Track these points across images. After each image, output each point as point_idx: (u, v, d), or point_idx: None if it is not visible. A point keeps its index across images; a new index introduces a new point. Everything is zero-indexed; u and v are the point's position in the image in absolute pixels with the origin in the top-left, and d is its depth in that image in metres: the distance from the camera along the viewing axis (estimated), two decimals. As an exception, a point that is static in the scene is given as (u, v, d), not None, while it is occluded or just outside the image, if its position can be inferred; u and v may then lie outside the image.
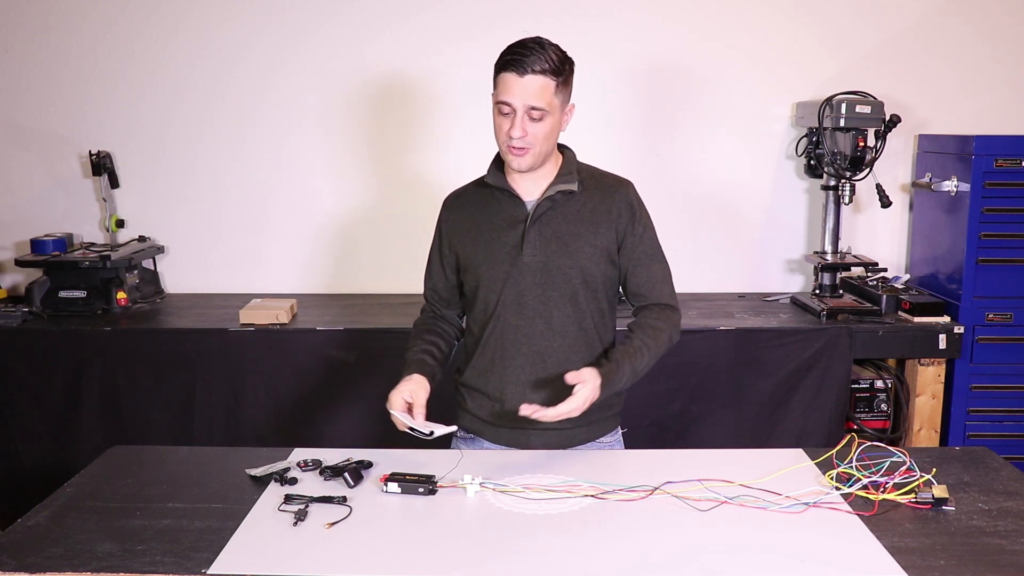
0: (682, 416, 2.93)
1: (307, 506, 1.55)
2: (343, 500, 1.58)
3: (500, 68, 1.74)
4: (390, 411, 1.73)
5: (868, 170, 3.06)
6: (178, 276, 3.53)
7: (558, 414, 1.65)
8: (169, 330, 2.99)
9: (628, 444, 2.02)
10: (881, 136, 3.04)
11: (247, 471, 1.69)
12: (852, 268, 3.27)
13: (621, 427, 1.99)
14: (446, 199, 1.97)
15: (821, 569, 1.34)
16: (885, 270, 3.30)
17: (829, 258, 3.23)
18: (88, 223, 3.51)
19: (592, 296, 1.85)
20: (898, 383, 3.03)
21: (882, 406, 3.03)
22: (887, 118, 3.01)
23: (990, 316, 3.00)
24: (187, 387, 2.93)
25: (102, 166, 3.33)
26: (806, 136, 3.25)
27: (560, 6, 3.29)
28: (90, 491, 1.65)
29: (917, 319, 2.99)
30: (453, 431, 1.75)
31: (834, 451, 1.70)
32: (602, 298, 1.87)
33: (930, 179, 3.14)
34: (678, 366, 2.88)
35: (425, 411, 1.76)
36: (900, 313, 3.06)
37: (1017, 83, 3.36)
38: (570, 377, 1.67)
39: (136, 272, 3.31)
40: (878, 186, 3.08)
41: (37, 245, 3.27)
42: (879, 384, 3.02)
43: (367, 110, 3.40)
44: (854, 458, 1.65)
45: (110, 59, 3.38)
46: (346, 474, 1.64)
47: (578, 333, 1.85)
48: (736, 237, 3.47)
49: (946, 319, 2.99)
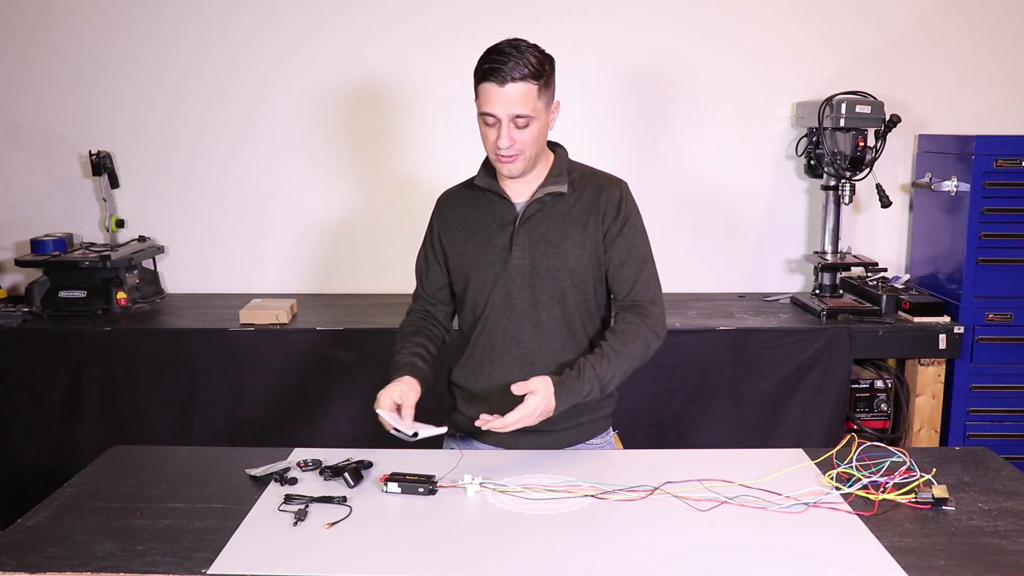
0: (682, 416, 2.93)
1: (307, 506, 1.55)
2: (343, 500, 1.58)
3: (480, 78, 1.71)
4: (377, 411, 1.71)
5: (868, 170, 3.06)
6: (178, 276, 3.53)
7: (510, 423, 1.63)
8: (169, 330, 2.99)
9: (628, 444, 2.02)
10: (881, 136, 3.04)
11: (247, 471, 1.69)
12: (852, 268, 3.27)
13: (613, 428, 1.98)
14: (439, 197, 1.97)
15: (821, 569, 1.34)
16: (885, 270, 3.30)
17: (829, 258, 3.23)
18: (88, 223, 3.51)
19: (581, 298, 1.84)
20: (898, 383, 3.03)
21: (882, 406, 3.03)
22: (887, 118, 3.01)
23: (990, 316, 3.00)
24: (187, 387, 2.93)
25: (102, 166, 3.33)
26: (806, 136, 3.25)
27: (560, 6, 3.29)
28: (90, 491, 1.65)
29: (917, 319, 2.99)
30: (442, 432, 1.73)
31: (834, 451, 1.70)
32: (591, 300, 1.86)
33: (930, 179, 3.14)
34: (678, 366, 2.88)
35: (414, 413, 1.74)
36: (900, 313, 3.06)
37: (1017, 83, 3.36)
38: (516, 388, 1.65)
39: (136, 272, 3.31)
40: (878, 186, 3.08)
41: (37, 245, 3.27)
42: (879, 384, 3.02)
43: (367, 110, 3.40)
44: (854, 458, 1.65)
45: (110, 59, 3.38)
46: (346, 474, 1.64)
47: (567, 335, 1.84)
48: (736, 237, 3.47)
49: (946, 319, 2.99)
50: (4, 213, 3.50)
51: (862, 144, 3.01)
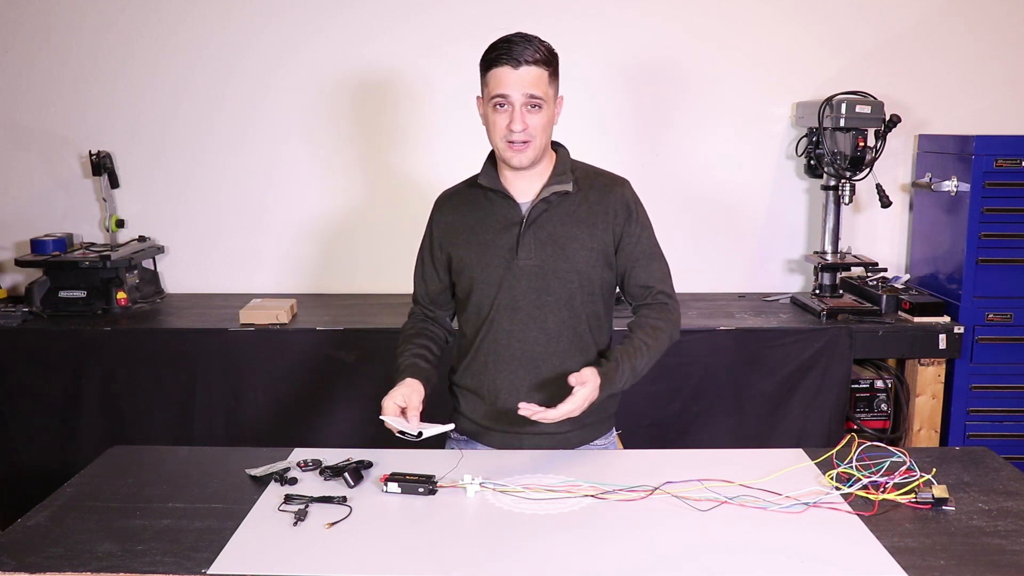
0: (682, 416, 2.93)
1: (307, 506, 1.55)
2: (343, 500, 1.58)
3: (490, 64, 1.73)
4: (382, 418, 1.71)
5: (868, 170, 3.06)
6: (178, 276, 3.53)
7: (560, 415, 1.63)
8: (169, 330, 2.99)
9: (628, 444, 2.02)
10: (881, 136, 3.04)
11: (247, 471, 1.69)
12: (852, 268, 3.27)
13: (616, 428, 1.98)
14: (438, 198, 1.95)
15: (821, 569, 1.34)
16: (885, 270, 3.30)
17: (829, 258, 3.23)
18: (88, 223, 3.51)
19: (588, 300, 1.84)
20: (898, 383, 3.03)
21: (882, 406, 3.03)
22: (887, 118, 3.01)
23: (990, 316, 3.00)
24: (187, 387, 2.93)
25: (102, 166, 3.33)
26: (806, 136, 3.25)
27: (559, 6, 3.29)
28: (90, 491, 1.65)
29: (917, 319, 2.99)
30: (448, 430, 1.73)
31: (834, 451, 1.70)
32: (598, 301, 1.86)
33: (930, 179, 3.14)
34: (678, 366, 2.88)
35: (419, 414, 1.74)
36: (900, 313, 3.06)
37: (1017, 83, 3.36)
38: (573, 379, 1.65)
39: (136, 272, 3.31)
40: (878, 186, 3.08)
41: (37, 245, 3.27)
42: (879, 384, 3.02)
43: (367, 110, 3.40)
44: (854, 458, 1.65)
45: (110, 59, 3.38)
46: (346, 474, 1.64)
47: (572, 337, 1.83)
48: (736, 237, 3.47)
49: (946, 319, 2.99)
50: (4, 213, 3.50)
51: (862, 144, 3.01)
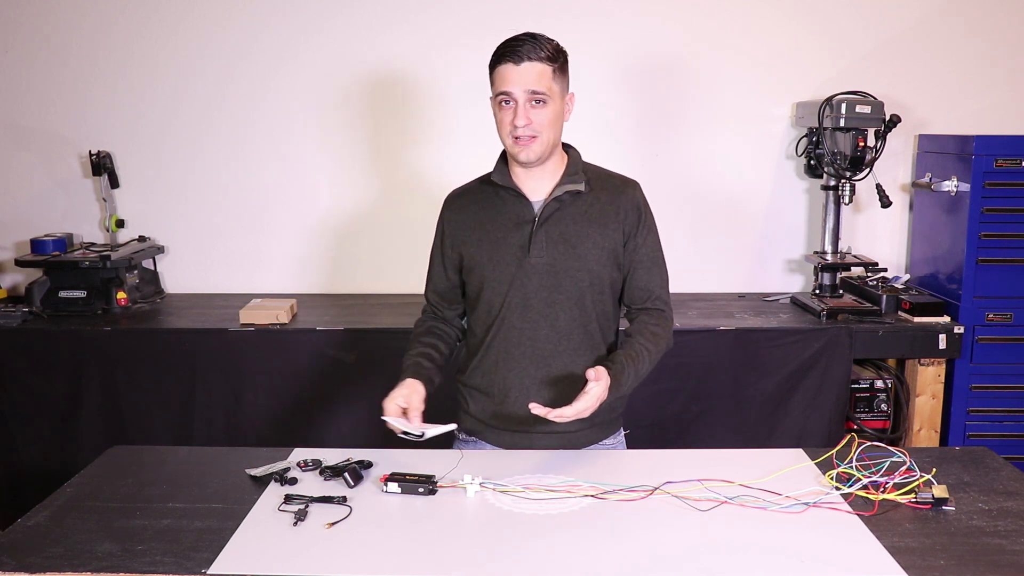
0: (682, 416, 2.93)
1: (307, 506, 1.55)
2: (343, 500, 1.57)
3: (496, 62, 1.75)
4: (384, 419, 1.71)
5: (868, 170, 3.06)
6: (178, 276, 3.53)
7: (573, 413, 1.61)
8: (169, 330, 2.99)
9: (628, 444, 2.02)
10: (881, 136, 3.04)
11: (247, 471, 1.69)
12: (852, 268, 3.27)
13: (624, 428, 1.99)
14: (447, 197, 1.95)
15: (821, 569, 1.34)
16: (885, 270, 3.30)
17: (829, 258, 3.23)
18: (88, 223, 3.51)
19: (598, 298, 1.84)
20: (898, 383, 3.03)
21: (882, 406, 3.03)
22: (887, 118, 3.01)
23: (990, 316, 3.00)
24: (187, 387, 2.93)
25: (102, 166, 3.33)
26: (806, 136, 3.25)
27: (560, 6, 3.29)
28: (90, 491, 1.65)
29: (917, 319, 2.99)
30: (451, 430, 1.73)
31: (834, 451, 1.70)
32: (607, 300, 1.87)
33: (930, 179, 3.14)
34: (678, 366, 2.88)
35: (422, 414, 1.74)
36: (900, 313, 3.06)
37: (1017, 83, 3.36)
38: (591, 374, 1.64)
39: (136, 272, 3.31)
40: (878, 186, 3.08)
41: (37, 245, 3.27)
42: (879, 384, 3.02)
43: (367, 110, 3.40)
44: (854, 458, 1.65)
45: (110, 59, 3.38)
46: (346, 474, 1.64)
47: (583, 336, 1.84)
48: (736, 237, 3.47)
49: (946, 319, 2.99)
50: (4, 213, 3.50)
51: (862, 144, 3.01)
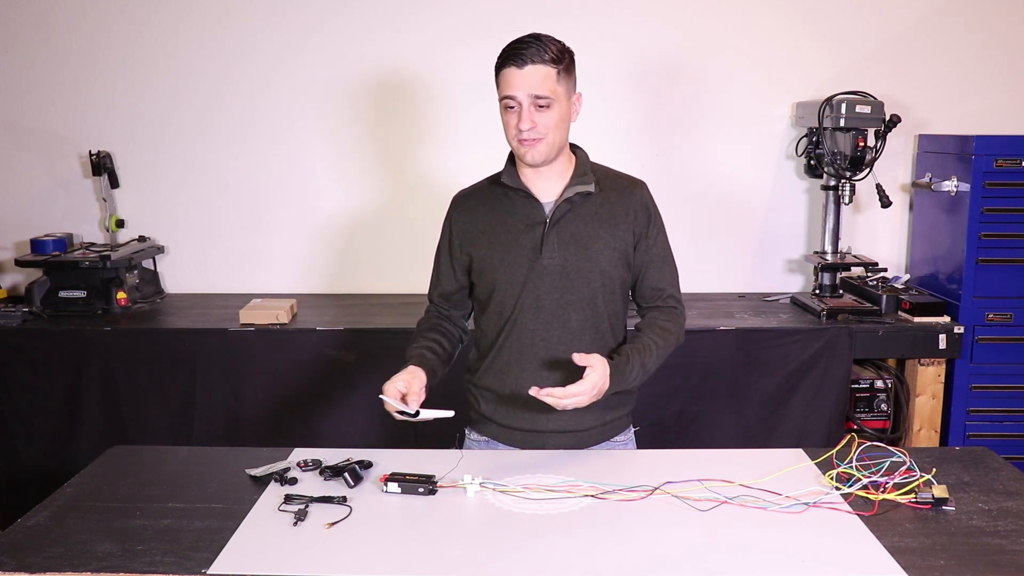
0: (682, 416, 2.93)
1: (307, 506, 1.55)
2: (343, 500, 1.58)
3: (500, 66, 1.75)
4: (381, 397, 1.69)
5: (868, 170, 3.06)
6: (178, 276, 3.53)
7: (566, 393, 1.60)
8: (169, 330, 2.99)
9: (628, 444, 2.02)
10: (881, 136, 3.04)
11: (247, 471, 1.69)
12: (852, 268, 3.26)
13: (633, 425, 1.99)
14: (455, 198, 1.94)
15: (821, 569, 1.34)
16: (885, 270, 3.30)
17: (829, 258, 3.23)
18: (88, 223, 3.51)
19: (610, 298, 1.85)
20: (898, 383, 3.03)
21: (882, 406, 3.03)
22: (887, 118, 3.01)
23: (990, 316, 3.00)
24: (187, 387, 2.93)
25: (102, 166, 3.33)
26: (806, 136, 3.25)
27: (560, 6, 3.29)
28: (90, 491, 1.65)
29: (917, 319, 2.99)
30: (448, 415, 1.70)
31: (834, 451, 1.70)
32: (618, 300, 1.87)
33: (930, 179, 3.14)
34: (678, 366, 2.88)
35: (421, 400, 1.71)
36: (900, 313, 3.06)
37: (1017, 83, 3.36)
38: (578, 358, 1.64)
39: (136, 272, 3.31)
40: (878, 186, 3.08)
41: (37, 245, 3.27)
42: (879, 384, 3.02)
43: (367, 110, 3.40)
44: (854, 458, 1.65)
45: (110, 59, 3.38)
46: (346, 474, 1.64)
47: (595, 336, 1.84)
48: (736, 237, 3.47)
49: (946, 319, 2.99)
50: (4, 213, 3.50)
51: (862, 144, 3.01)
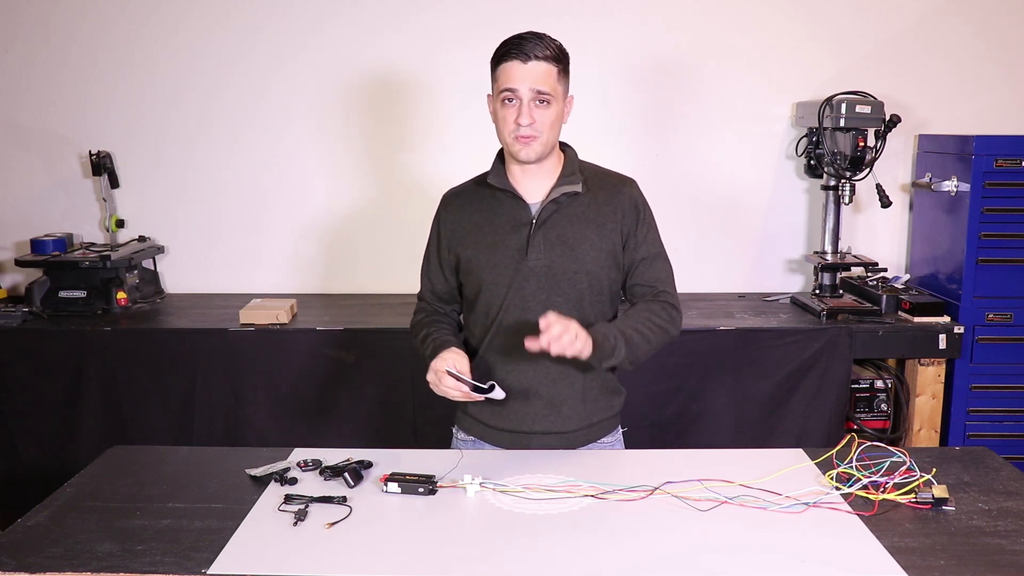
0: (682, 416, 2.93)
1: (307, 506, 1.55)
2: (343, 500, 1.58)
3: (500, 59, 1.74)
4: (445, 369, 1.67)
5: (868, 170, 3.06)
6: (178, 276, 3.53)
7: (549, 324, 1.57)
8: (169, 330, 2.99)
9: (628, 444, 2.02)
10: (881, 136, 3.04)
11: (247, 471, 1.69)
12: (852, 268, 3.26)
13: (622, 426, 1.99)
14: (444, 196, 1.94)
15: (821, 569, 1.34)
16: (885, 270, 3.30)
17: (829, 258, 3.23)
18: (88, 223, 3.51)
19: (596, 300, 1.84)
20: (898, 383, 3.03)
21: (882, 406, 3.03)
22: (887, 118, 3.01)
23: (990, 316, 3.00)
24: (187, 387, 2.93)
25: (102, 166, 3.33)
26: (806, 136, 3.25)
27: (560, 6, 3.29)
28: (90, 491, 1.65)
29: (917, 319, 2.99)
30: (501, 398, 1.71)
31: (834, 451, 1.70)
32: (606, 301, 1.86)
33: (930, 179, 3.14)
34: (678, 366, 2.88)
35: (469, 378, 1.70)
36: (900, 313, 3.06)
37: (1017, 83, 3.36)
38: (542, 323, 1.59)
39: (136, 272, 3.31)
40: (878, 186, 3.08)
41: (37, 245, 3.27)
42: (879, 384, 3.02)
43: (366, 110, 3.40)
44: (854, 458, 1.65)
45: (110, 59, 3.38)
46: (346, 474, 1.64)
47: None
48: (736, 237, 3.47)
49: (946, 319, 2.99)
50: (4, 213, 3.50)
51: (862, 144, 3.01)
